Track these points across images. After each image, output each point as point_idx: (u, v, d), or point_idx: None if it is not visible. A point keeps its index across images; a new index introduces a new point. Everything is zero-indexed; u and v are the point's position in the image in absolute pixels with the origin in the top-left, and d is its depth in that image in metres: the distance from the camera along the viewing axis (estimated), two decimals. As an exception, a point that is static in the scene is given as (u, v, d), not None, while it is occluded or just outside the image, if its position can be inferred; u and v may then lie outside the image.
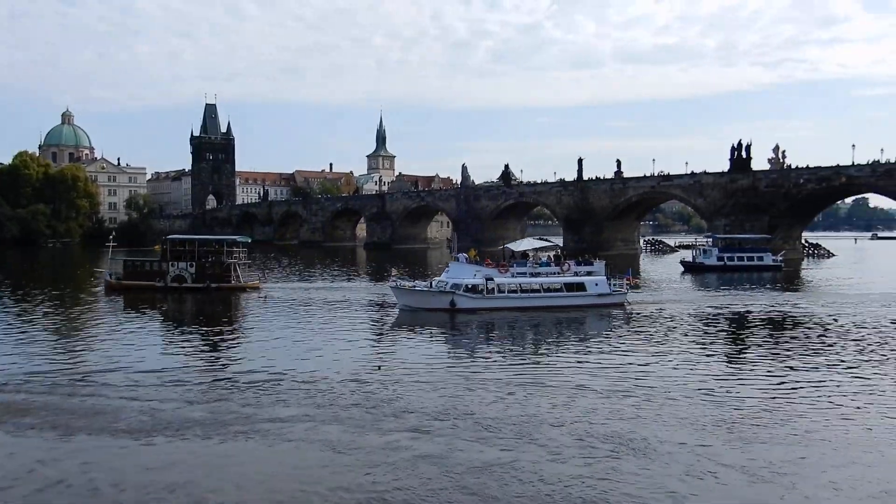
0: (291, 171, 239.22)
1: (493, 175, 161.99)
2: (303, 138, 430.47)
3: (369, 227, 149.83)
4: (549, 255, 47.88)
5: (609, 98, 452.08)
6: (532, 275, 42.14)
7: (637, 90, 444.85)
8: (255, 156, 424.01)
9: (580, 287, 42.07)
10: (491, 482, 14.73)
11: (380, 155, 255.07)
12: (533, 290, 41.38)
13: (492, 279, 40.33)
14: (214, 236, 68.90)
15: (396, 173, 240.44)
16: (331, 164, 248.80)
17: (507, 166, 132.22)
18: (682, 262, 78.07)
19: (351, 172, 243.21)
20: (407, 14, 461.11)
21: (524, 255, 44.54)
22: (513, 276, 41.36)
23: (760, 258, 74.72)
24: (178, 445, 17.03)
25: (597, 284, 42.38)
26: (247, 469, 15.62)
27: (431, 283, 42.61)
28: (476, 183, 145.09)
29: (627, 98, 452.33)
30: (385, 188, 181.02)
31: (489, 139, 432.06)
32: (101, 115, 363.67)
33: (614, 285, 43.48)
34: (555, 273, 42.80)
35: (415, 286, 42.85)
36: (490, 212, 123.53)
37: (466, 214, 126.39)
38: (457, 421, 18.84)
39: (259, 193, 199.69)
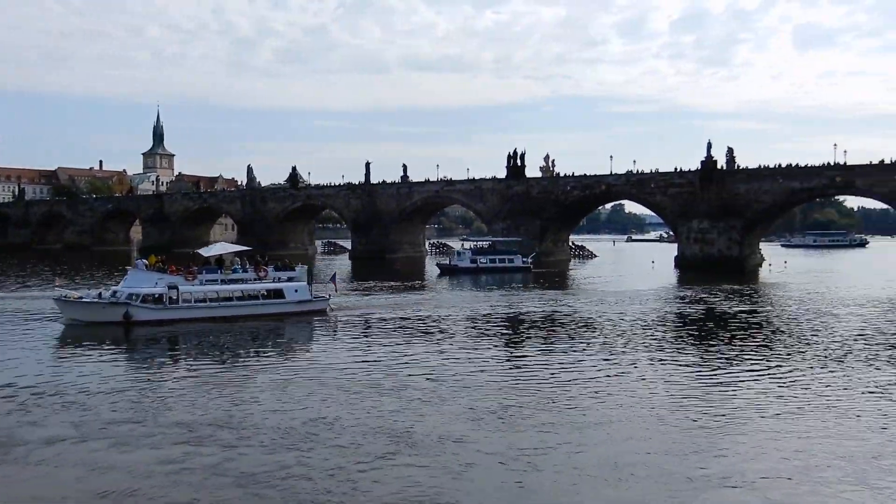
0: (53, 168, 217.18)
1: (281, 177, 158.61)
2: (67, 133, 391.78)
3: (146, 229, 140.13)
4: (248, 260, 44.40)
5: (396, 103, 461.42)
6: (224, 282, 39.43)
7: (422, 97, 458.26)
8: (8, 150, 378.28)
9: (278, 294, 40.12)
10: (274, 488, 14.60)
11: (157, 153, 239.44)
12: (225, 299, 38.60)
13: (176, 288, 37.36)
14: None
15: (176, 173, 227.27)
16: (101, 162, 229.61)
17: (294, 168, 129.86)
18: (439, 265, 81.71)
19: (124, 171, 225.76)
20: (185, 5, 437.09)
21: (219, 260, 41.96)
22: (202, 284, 38.57)
23: (511, 260, 79.76)
24: None
25: (297, 291, 40.55)
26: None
27: (101, 294, 38.91)
28: (263, 185, 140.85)
29: (413, 104, 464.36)
30: (163, 188, 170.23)
31: (276, 140, 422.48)
32: None
33: (317, 291, 42.56)
34: (251, 280, 40.47)
35: (82, 298, 38.43)
36: (277, 214, 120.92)
37: (252, 217, 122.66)
38: (232, 429, 18.40)
39: (14, 192, 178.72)
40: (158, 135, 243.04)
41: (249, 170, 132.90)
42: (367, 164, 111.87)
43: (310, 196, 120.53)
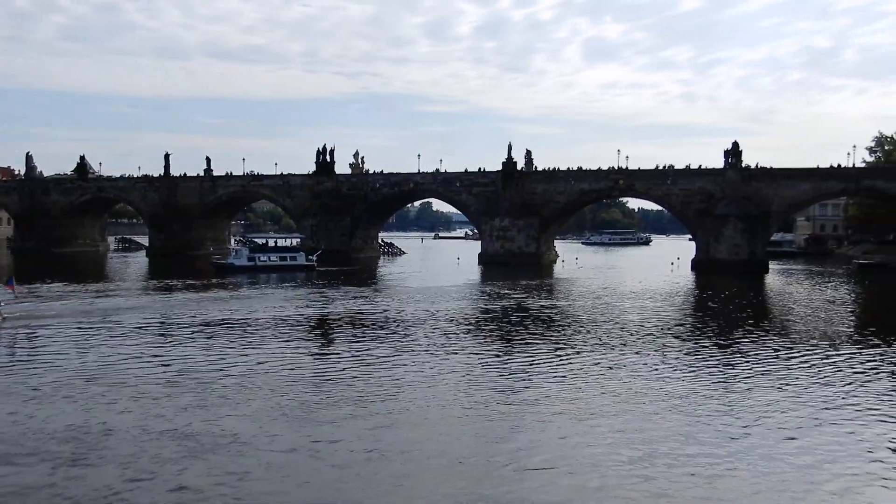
0: None
1: (67, 167, 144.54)
2: None
3: None
4: None
5: (198, 92, 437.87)
6: None
7: (226, 87, 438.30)
8: None
9: None
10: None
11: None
12: None
13: None
14: None
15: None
16: None
17: (83, 158, 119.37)
18: (213, 264, 76.50)
19: None
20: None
21: None
22: None
23: (293, 258, 76.37)
24: None
25: None
26: None
27: None
28: (45, 175, 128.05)
29: (217, 94, 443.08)
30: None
31: (62, 126, 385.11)
32: None
33: None
34: None
35: None
36: (62, 208, 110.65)
37: (33, 210, 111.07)
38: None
39: None
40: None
41: (29, 158, 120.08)
42: (167, 156, 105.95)
43: (101, 188, 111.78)
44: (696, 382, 24.40)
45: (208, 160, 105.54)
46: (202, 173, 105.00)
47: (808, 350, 30.80)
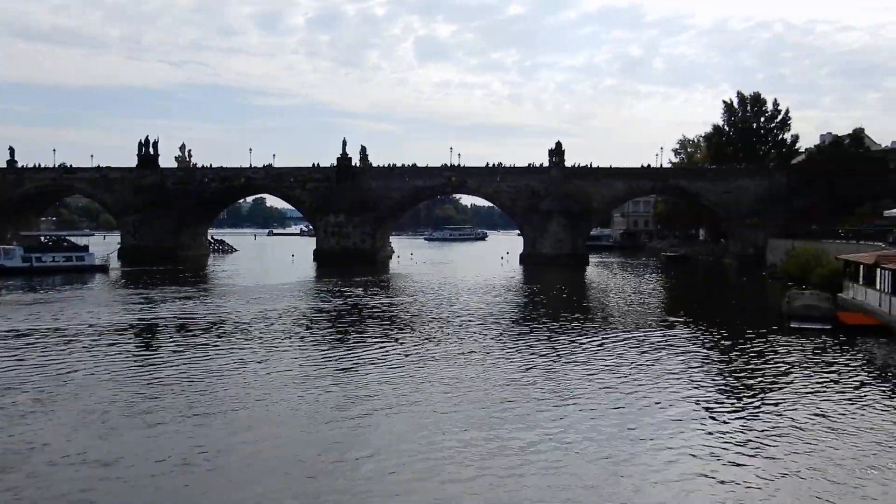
0: None
1: None
2: None
3: None
4: None
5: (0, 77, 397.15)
6: None
7: (34, 71, 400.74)
8: None
9: None
10: None
11: None
12: None
13: None
14: None
15: None
16: None
17: None
18: None
19: None
20: None
21: None
22: None
23: (81, 258, 69.66)
24: None
25: None
26: None
27: None
28: None
29: (24, 79, 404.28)
30: None
31: None
32: None
33: None
34: None
35: None
36: None
37: None
38: None
39: None
40: None
41: None
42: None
43: None
44: (524, 371, 25.63)
45: (12, 150, 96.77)
46: (5, 165, 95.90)
47: (620, 332, 33.40)
